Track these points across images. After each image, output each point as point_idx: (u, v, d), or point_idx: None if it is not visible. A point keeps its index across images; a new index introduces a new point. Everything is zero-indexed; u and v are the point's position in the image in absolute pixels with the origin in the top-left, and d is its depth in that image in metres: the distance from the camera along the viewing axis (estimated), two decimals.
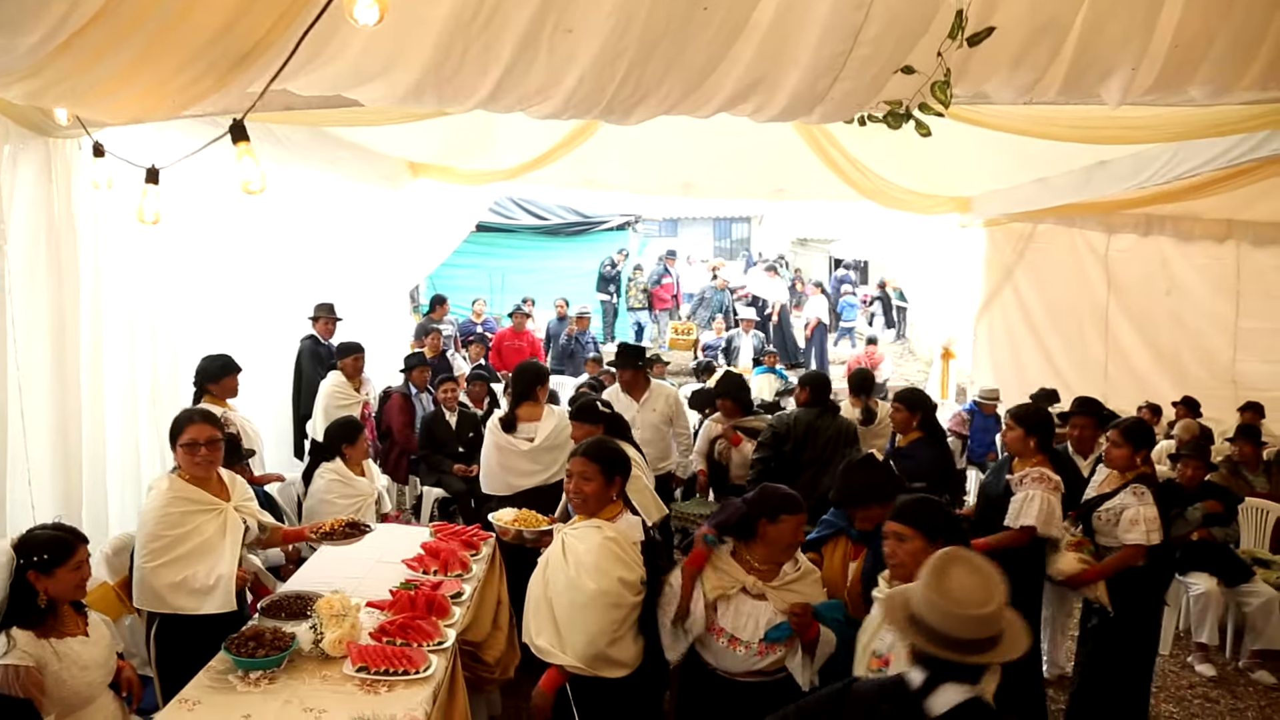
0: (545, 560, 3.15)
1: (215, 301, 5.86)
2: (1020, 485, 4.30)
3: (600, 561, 3.02)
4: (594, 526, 3.12)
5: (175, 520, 3.28)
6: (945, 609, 1.94)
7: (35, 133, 4.08)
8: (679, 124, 7.93)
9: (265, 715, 2.80)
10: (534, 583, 3.14)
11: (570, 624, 3.00)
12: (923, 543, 2.71)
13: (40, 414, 4.14)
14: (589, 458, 3.20)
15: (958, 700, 1.92)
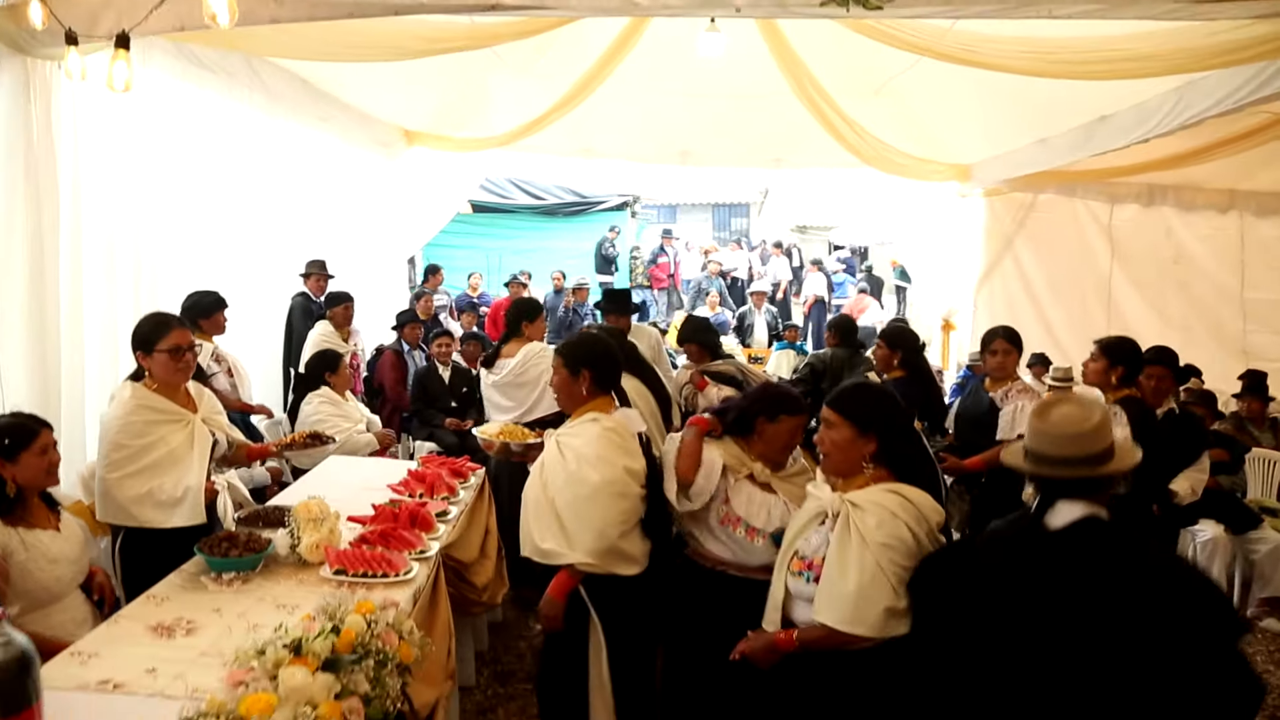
0: (540, 464, 3.00)
1: (202, 242, 5.76)
2: (1007, 399, 4.31)
3: (602, 451, 2.87)
4: (590, 420, 2.97)
5: (139, 429, 3.13)
6: (1050, 434, 2.14)
7: (13, 50, 3.99)
8: (678, 89, 7.97)
9: (236, 608, 2.70)
10: (530, 488, 2.97)
11: (577, 520, 2.84)
12: (852, 433, 2.47)
13: (16, 342, 4.04)
14: (556, 352, 3.12)
15: (1075, 517, 2.08)
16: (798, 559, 2.50)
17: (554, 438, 3.02)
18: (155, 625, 2.56)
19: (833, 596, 2.35)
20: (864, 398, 2.58)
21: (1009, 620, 2.07)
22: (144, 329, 3.26)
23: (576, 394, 3.04)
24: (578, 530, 2.84)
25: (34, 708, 1.71)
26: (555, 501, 2.87)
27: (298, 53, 5.23)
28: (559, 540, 2.85)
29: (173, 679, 2.25)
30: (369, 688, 2.02)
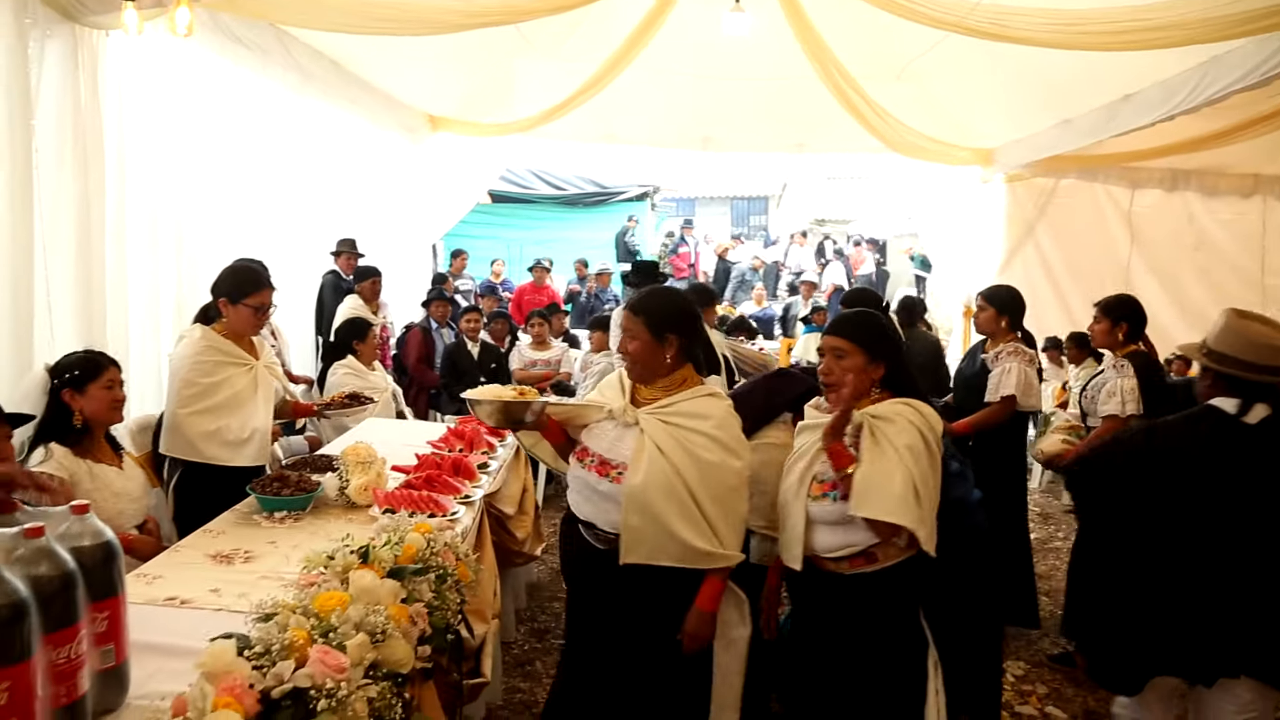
0: (649, 450, 2.45)
1: (238, 213, 5.87)
2: (996, 361, 4.37)
3: (736, 432, 2.53)
4: (707, 395, 2.55)
5: (208, 369, 3.30)
6: (1253, 342, 2.54)
7: (62, 16, 4.07)
8: (701, 73, 8.02)
9: (291, 541, 2.78)
10: (652, 481, 2.41)
11: (724, 515, 2.47)
12: (863, 359, 2.53)
13: (66, 305, 4.13)
14: (632, 310, 2.61)
15: (1264, 415, 2.53)
16: (816, 483, 2.53)
17: (653, 416, 2.51)
18: (214, 554, 2.65)
19: (874, 493, 2.37)
20: (871, 325, 2.62)
21: (1211, 496, 2.52)
22: (237, 281, 3.45)
23: (660, 361, 2.56)
24: (726, 526, 2.48)
25: (119, 597, 1.78)
26: (697, 494, 2.42)
27: (327, 23, 5.28)
28: (711, 539, 2.45)
29: (236, 597, 2.33)
30: (431, 598, 2.08)
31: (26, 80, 3.84)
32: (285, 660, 1.61)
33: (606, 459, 2.54)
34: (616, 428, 2.56)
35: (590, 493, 2.57)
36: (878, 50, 7.41)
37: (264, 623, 1.76)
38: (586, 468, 2.57)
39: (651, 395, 2.57)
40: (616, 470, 2.50)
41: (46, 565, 1.57)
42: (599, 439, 2.59)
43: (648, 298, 2.64)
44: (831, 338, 2.59)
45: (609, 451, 2.54)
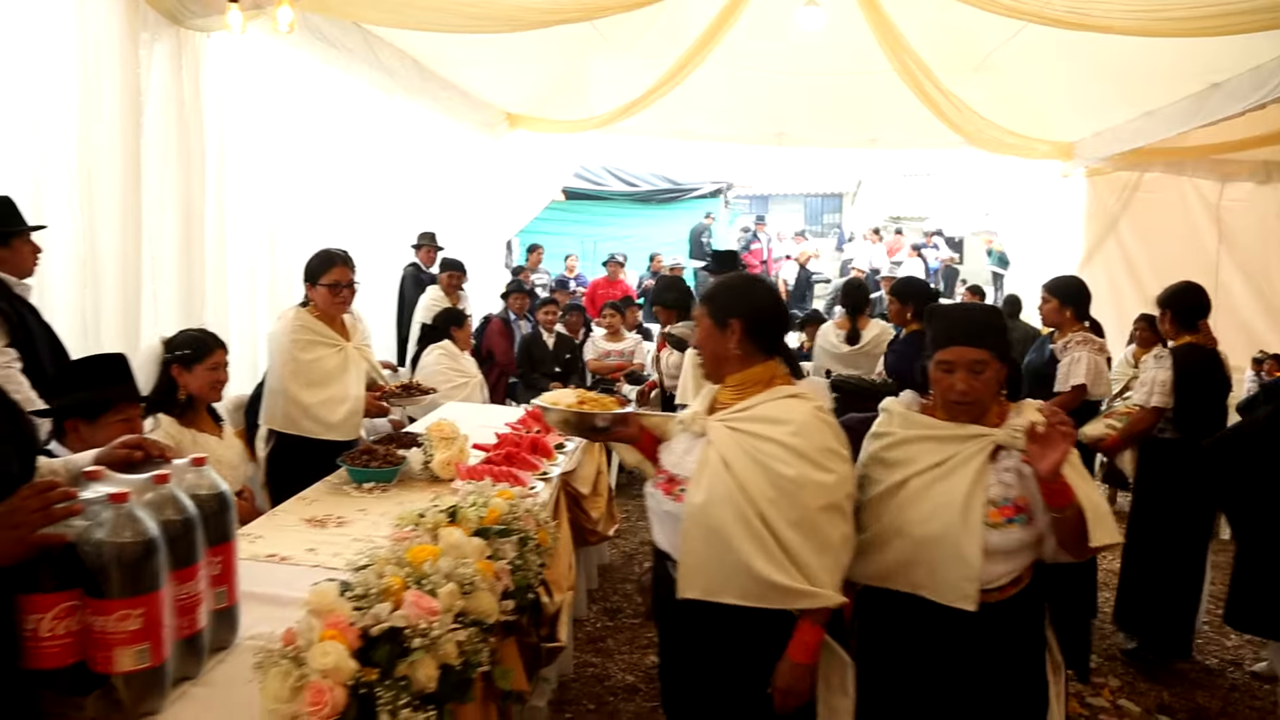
0: (716, 464, 2.09)
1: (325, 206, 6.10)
2: (1065, 350, 4.35)
3: (827, 440, 2.09)
4: (788, 396, 2.15)
5: (303, 346, 3.51)
6: None
7: (169, 20, 4.31)
8: (774, 68, 8.05)
9: (379, 509, 2.93)
10: (716, 499, 2.05)
11: (809, 542, 2.03)
12: (998, 366, 2.16)
13: (169, 289, 4.38)
14: (700, 300, 2.32)
15: None
16: (993, 508, 2.10)
17: (722, 423, 2.15)
18: (309, 518, 2.82)
19: (1104, 517, 2.05)
20: (1001, 326, 2.25)
21: None
22: (312, 263, 3.65)
23: (731, 355, 2.21)
24: (813, 557, 2.03)
25: (231, 544, 1.93)
26: (770, 516, 2.02)
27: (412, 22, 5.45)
28: (791, 572, 2.01)
29: (331, 556, 2.48)
30: (514, 558, 2.19)
31: (137, 81, 4.08)
32: (382, 603, 1.73)
33: (674, 475, 2.20)
34: (688, 439, 2.22)
35: (662, 515, 2.23)
36: (955, 42, 7.36)
37: (359, 572, 1.88)
38: (656, 485, 2.26)
39: (730, 399, 2.20)
40: (681, 487, 2.14)
41: (171, 509, 1.72)
42: (671, 452, 2.27)
43: (715, 284, 2.36)
44: (969, 349, 2.14)
45: (677, 466, 2.20)
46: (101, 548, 1.57)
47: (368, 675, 1.60)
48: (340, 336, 3.65)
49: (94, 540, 1.58)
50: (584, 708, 3.58)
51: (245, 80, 5.01)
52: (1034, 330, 6.34)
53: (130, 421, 2.53)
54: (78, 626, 1.61)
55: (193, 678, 1.81)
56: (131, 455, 1.88)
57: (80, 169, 3.81)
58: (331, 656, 1.55)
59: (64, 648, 1.60)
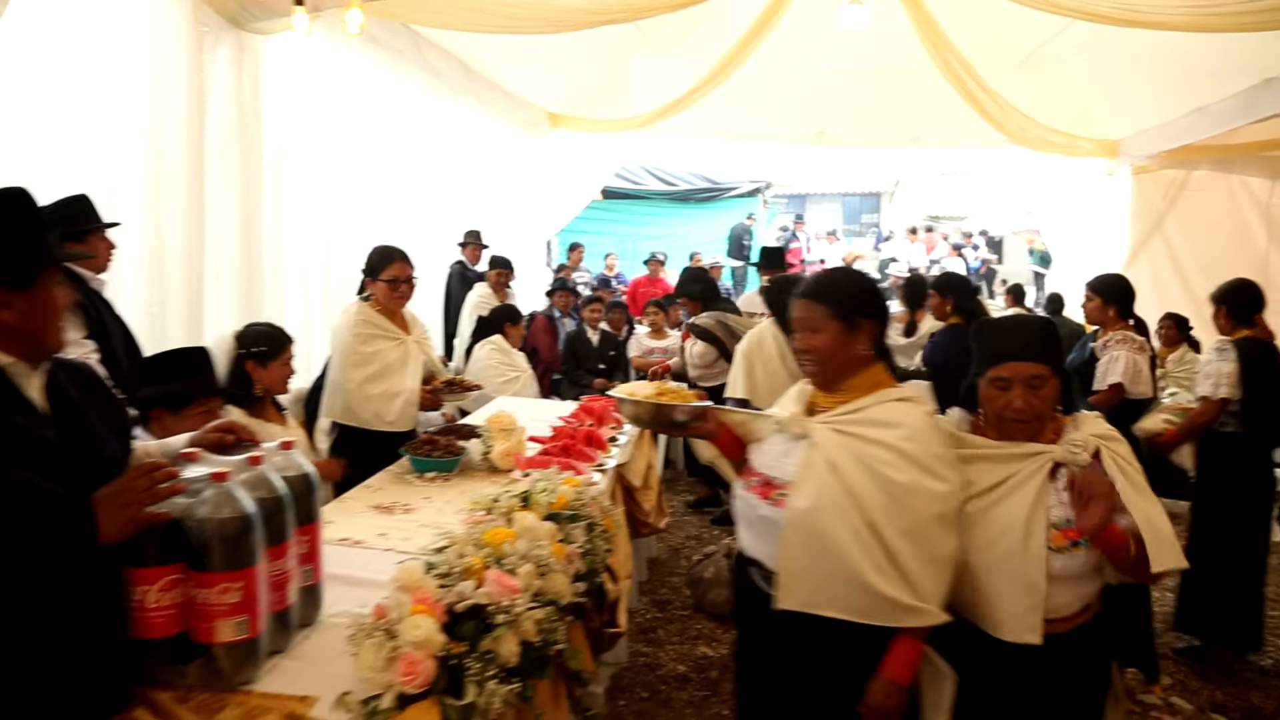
0: (816, 471, 1.98)
1: (375, 204, 6.22)
2: (1105, 349, 4.35)
3: (940, 447, 1.99)
4: (898, 399, 2.04)
5: (364, 339, 3.59)
6: None
7: (231, 24, 4.43)
8: (815, 67, 8.06)
9: (443, 497, 3.01)
10: (816, 513, 1.95)
11: (920, 554, 1.92)
12: (1057, 381, 2.06)
13: (230, 283, 4.50)
14: (812, 296, 2.10)
15: None
16: (1055, 531, 1.97)
17: (828, 425, 2.04)
18: (376, 505, 2.90)
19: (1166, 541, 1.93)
20: (1053, 336, 2.14)
21: None
22: (373, 258, 3.73)
23: (852, 359, 2.08)
24: (923, 571, 1.92)
25: (316, 524, 2.02)
26: (881, 526, 1.91)
27: (460, 23, 5.54)
28: (903, 587, 1.90)
29: (401, 540, 2.57)
30: (583, 542, 2.26)
31: (201, 83, 4.20)
32: (465, 581, 1.80)
33: (771, 478, 2.07)
34: (784, 441, 2.10)
35: (755, 520, 2.10)
36: (998, 40, 7.33)
37: (440, 553, 1.96)
38: (749, 489, 2.13)
39: (831, 402, 2.08)
40: (780, 491, 2.02)
41: (265, 489, 1.80)
42: (764, 454, 2.14)
43: (828, 280, 2.15)
44: (1027, 364, 2.03)
45: (774, 469, 2.08)
46: (205, 524, 1.66)
47: (455, 648, 1.66)
48: (401, 330, 3.74)
49: (198, 517, 1.66)
50: (637, 695, 3.64)
51: (300, 82, 5.12)
52: (1078, 326, 6.35)
53: (211, 413, 2.63)
54: (181, 599, 1.69)
55: (282, 651, 1.89)
56: (223, 439, 1.97)
57: (150, 168, 3.93)
58: (422, 629, 1.62)
59: (168, 618, 1.69)
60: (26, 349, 1.70)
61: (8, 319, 1.66)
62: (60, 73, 3.60)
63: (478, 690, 1.62)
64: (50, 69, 3.55)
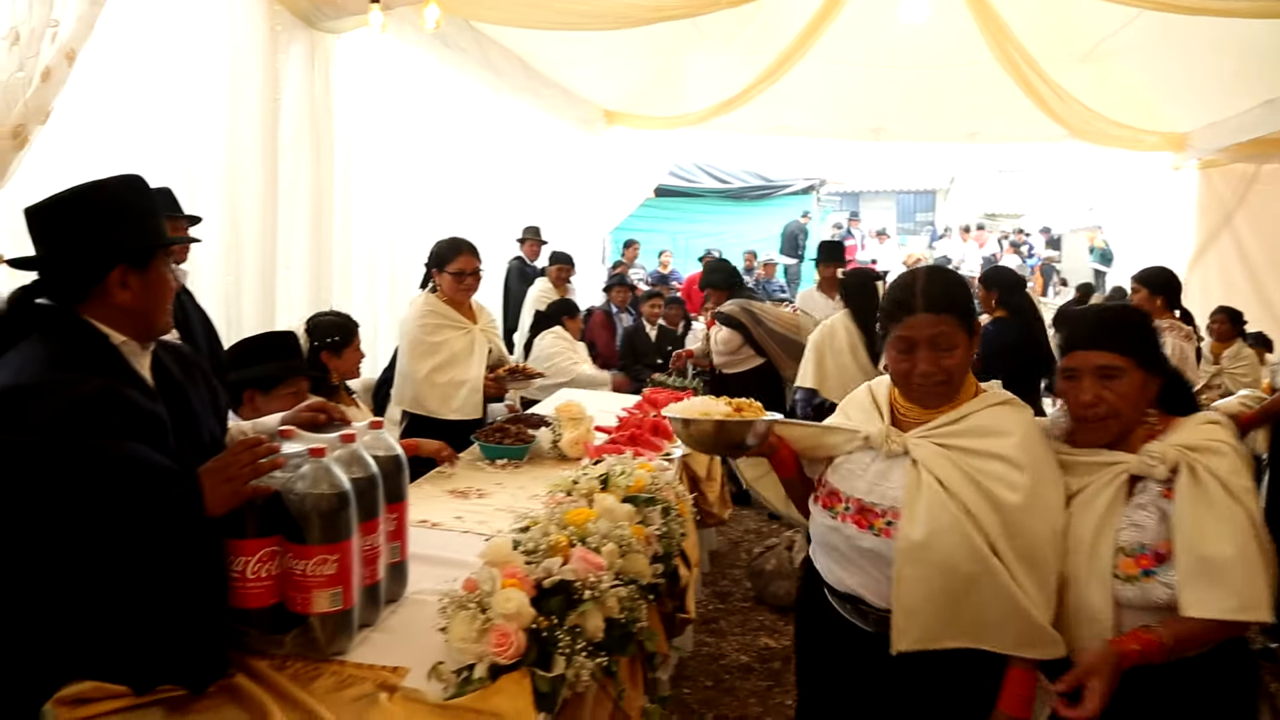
0: (926, 493, 1.77)
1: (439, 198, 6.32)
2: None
3: (1049, 454, 1.85)
4: (1000, 403, 1.86)
5: (430, 330, 3.66)
6: None
7: (304, 23, 4.54)
8: (873, 62, 8.01)
9: (516, 483, 3.06)
10: (935, 542, 1.74)
11: (1039, 580, 1.75)
12: (1141, 376, 1.82)
13: (302, 274, 4.61)
14: (933, 308, 1.82)
15: None
16: (1125, 557, 1.74)
17: (928, 439, 1.84)
18: (451, 490, 2.97)
19: (1213, 578, 1.65)
20: (1133, 324, 1.89)
21: None
22: (441, 249, 3.80)
23: (965, 372, 1.90)
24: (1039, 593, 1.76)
25: (404, 503, 2.07)
26: (1001, 549, 1.74)
27: (523, 20, 5.61)
28: (1030, 614, 1.73)
29: (477, 523, 2.62)
30: (660, 525, 2.29)
31: (276, 81, 4.31)
32: (551, 558, 1.83)
33: (868, 504, 1.86)
34: (876, 460, 1.88)
35: (850, 552, 1.89)
36: (1061, 32, 7.23)
37: (523, 532, 2.00)
38: (840, 517, 1.90)
39: (921, 414, 1.88)
40: (885, 519, 1.82)
41: (358, 467, 1.86)
42: (854, 477, 1.91)
43: (946, 286, 1.86)
44: (1094, 352, 1.83)
45: (870, 493, 1.87)
46: (304, 498, 1.71)
47: (543, 622, 1.70)
48: (467, 320, 3.81)
49: (298, 491, 1.72)
50: (701, 684, 3.66)
51: (367, 79, 5.22)
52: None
53: (300, 394, 2.71)
54: (278, 570, 1.75)
55: (371, 625, 1.94)
56: (316, 418, 2.03)
57: (227, 163, 4.04)
58: (514, 602, 1.66)
59: (266, 589, 1.75)
60: (139, 329, 1.77)
61: (125, 299, 1.74)
62: (144, 71, 3.70)
63: (566, 663, 1.66)
64: (135, 67, 3.65)
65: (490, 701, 1.58)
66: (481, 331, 3.83)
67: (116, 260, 1.73)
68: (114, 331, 1.74)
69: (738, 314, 5.56)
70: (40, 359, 1.67)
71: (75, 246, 1.73)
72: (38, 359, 1.67)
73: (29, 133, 2.86)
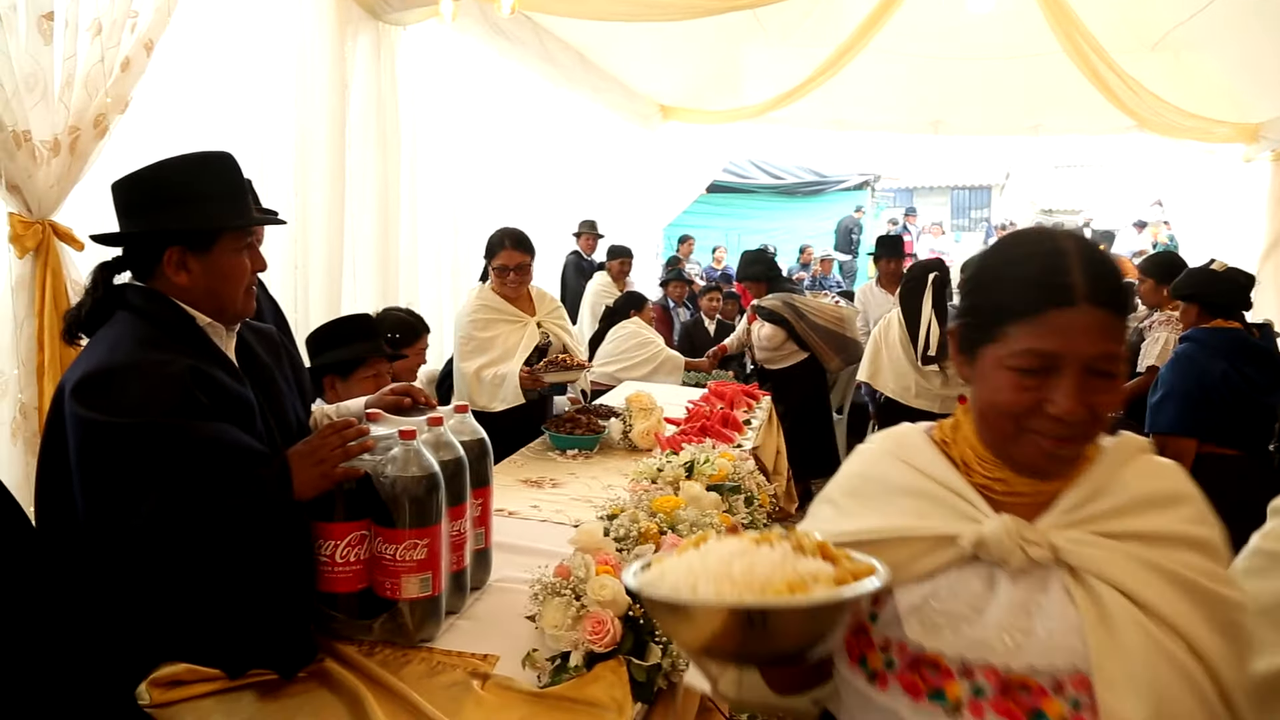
0: (1130, 635, 1.00)
1: (497, 192, 6.33)
2: (1149, 330, 4.35)
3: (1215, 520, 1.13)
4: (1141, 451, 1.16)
5: (481, 324, 3.63)
6: None
7: (370, 15, 4.55)
8: (934, 54, 7.87)
9: (588, 473, 3.02)
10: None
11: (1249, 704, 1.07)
12: None
13: (368, 266, 4.63)
14: (1112, 306, 1.05)
15: None
16: None
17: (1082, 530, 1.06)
18: (524, 479, 2.94)
19: None
20: None
21: None
22: (489, 242, 3.75)
23: None
24: None
25: (489, 488, 2.05)
26: (1227, 682, 1.02)
27: (592, 12, 5.59)
28: None
29: (554, 511, 2.59)
30: (744, 514, 2.24)
31: (344, 74, 4.32)
32: (643, 544, 1.79)
33: (1017, 675, 1.04)
34: (999, 584, 1.08)
35: None
36: (1130, 21, 7.05)
37: (610, 520, 1.96)
38: (954, 713, 1.05)
39: (1032, 487, 1.12)
40: (1066, 697, 1.02)
41: (445, 451, 1.83)
42: (962, 625, 1.08)
43: (1105, 263, 1.07)
44: None
45: (1018, 653, 1.04)
46: (395, 481, 1.69)
47: (636, 610, 1.66)
48: (523, 312, 3.73)
49: (388, 474, 1.69)
50: None
51: (430, 72, 5.24)
52: None
53: (380, 377, 2.69)
54: (366, 555, 1.73)
55: (456, 612, 1.92)
56: (400, 401, 2.01)
57: (296, 158, 4.06)
58: (609, 589, 1.62)
59: (354, 574, 1.73)
60: (212, 311, 1.76)
61: (183, 280, 1.72)
62: (216, 65, 3.73)
63: (662, 652, 1.61)
64: (207, 58, 3.69)
65: (587, 690, 1.54)
66: (539, 323, 3.75)
67: (170, 241, 1.71)
68: (199, 313, 1.74)
69: (780, 309, 5.49)
70: (131, 338, 1.66)
71: (135, 224, 1.73)
72: (129, 337, 1.66)
73: (109, 122, 2.90)
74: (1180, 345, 3.89)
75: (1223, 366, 3.56)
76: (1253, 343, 3.75)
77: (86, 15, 2.75)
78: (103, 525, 1.54)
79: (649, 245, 10.08)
